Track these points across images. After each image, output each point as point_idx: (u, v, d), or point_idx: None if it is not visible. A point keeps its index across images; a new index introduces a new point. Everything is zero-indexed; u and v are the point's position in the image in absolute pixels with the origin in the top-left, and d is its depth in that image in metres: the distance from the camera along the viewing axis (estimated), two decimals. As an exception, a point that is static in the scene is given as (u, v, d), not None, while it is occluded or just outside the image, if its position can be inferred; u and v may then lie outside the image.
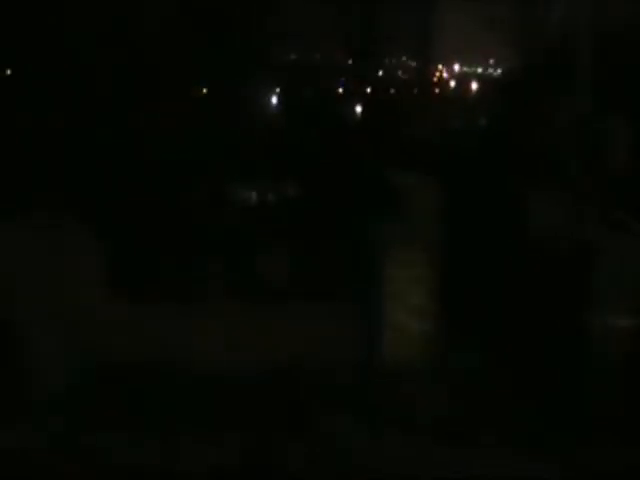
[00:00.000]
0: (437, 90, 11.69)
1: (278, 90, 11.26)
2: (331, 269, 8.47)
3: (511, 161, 9.28)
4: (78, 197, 8.22)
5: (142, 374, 7.36)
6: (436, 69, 11.74)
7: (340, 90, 11.64)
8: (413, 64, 11.69)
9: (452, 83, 11.91)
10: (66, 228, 7.52)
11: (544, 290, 7.99)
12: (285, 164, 9.82)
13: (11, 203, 7.87)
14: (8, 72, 10.03)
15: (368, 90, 11.45)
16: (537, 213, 8.48)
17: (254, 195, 9.68)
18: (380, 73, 11.66)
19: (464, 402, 7.35)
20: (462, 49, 11.50)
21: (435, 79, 11.73)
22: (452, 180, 8.61)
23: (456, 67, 12.09)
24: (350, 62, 11.55)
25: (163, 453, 6.42)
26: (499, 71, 11.67)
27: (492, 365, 7.80)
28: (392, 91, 11.57)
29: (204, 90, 10.55)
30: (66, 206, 7.82)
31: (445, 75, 11.96)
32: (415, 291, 7.82)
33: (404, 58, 11.84)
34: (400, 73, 11.76)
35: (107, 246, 7.67)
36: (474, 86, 11.73)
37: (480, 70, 11.98)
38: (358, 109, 11.26)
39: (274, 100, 11.18)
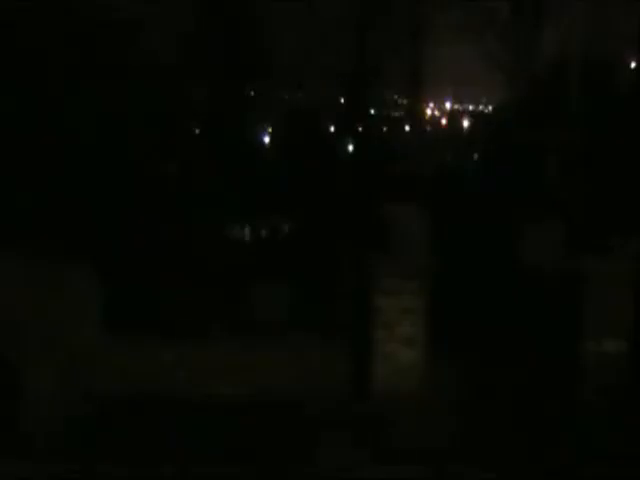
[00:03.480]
0: (428, 126, 11.86)
1: (271, 128, 11.41)
2: (325, 302, 8.54)
3: (502, 192, 9.40)
4: (73, 233, 8.28)
5: (139, 407, 7.41)
6: (427, 106, 11.90)
7: (332, 128, 11.81)
8: (405, 101, 11.85)
9: (443, 119, 12.09)
10: (61, 265, 7.57)
11: (536, 318, 8.06)
12: (279, 200, 9.91)
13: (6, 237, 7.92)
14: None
15: (360, 128, 11.60)
16: (529, 242, 8.57)
17: (249, 231, 9.78)
18: (372, 111, 11.82)
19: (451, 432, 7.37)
20: (453, 86, 11.66)
21: (427, 116, 11.89)
22: (443, 212, 8.71)
23: (447, 104, 12.27)
24: (343, 100, 11.72)
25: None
26: (489, 108, 11.84)
27: (484, 395, 7.84)
28: (384, 128, 11.74)
29: (197, 129, 10.69)
30: (60, 242, 7.87)
31: (436, 112, 12.13)
32: (408, 323, 7.86)
33: (396, 96, 12.01)
34: (392, 110, 11.93)
35: (105, 282, 7.73)
36: (465, 122, 11.89)
37: (471, 107, 12.16)
38: (350, 146, 11.41)
39: (267, 138, 11.33)
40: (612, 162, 9.01)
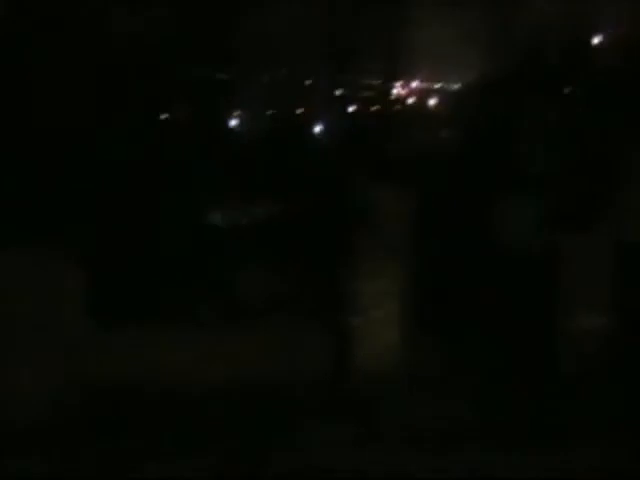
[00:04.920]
0: (398, 106, 11.84)
1: (239, 112, 11.34)
2: (308, 285, 8.57)
3: (477, 171, 9.46)
4: (59, 221, 8.21)
5: (124, 397, 7.38)
6: (394, 86, 11.89)
7: (301, 110, 11.77)
8: (372, 82, 11.83)
9: (411, 99, 12.09)
10: (47, 253, 7.51)
11: (516, 296, 8.15)
12: (259, 184, 9.89)
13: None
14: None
15: (329, 110, 11.57)
16: (507, 220, 8.65)
17: (229, 216, 9.76)
18: (340, 91, 11.80)
19: (439, 409, 7.45)
20: (421, 65, 11.67)
21: (394, 96, 11.89)
22: (422, 192, 8.75)
23: (414, 83, 12.27)
24: (312, 82, 11.68)
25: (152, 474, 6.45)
26: (457, 85, 11.86)
27: (464, 370, 7.91)
28: (354, 108, 11.72)
29: (177, 112, 10.60)
30: (47, 230, 7.81)
31: (403, 91, 12.13)
32: (389, 303, 7.91)
33: (362, 76, 11.99)
34: (360, 91, 11.91)
35: (88, 270, 7.68)
36: (433, 101, 11.91)
37: (439, 85, 12.17)
38: (319, 127, 11.38)
39: (238, 121, 11.26)
40: (589, 139, 9.11)
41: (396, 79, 11.69)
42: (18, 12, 9.44)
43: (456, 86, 11.88)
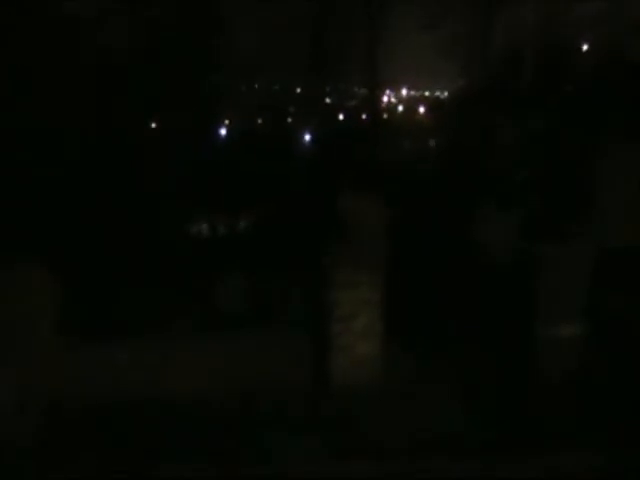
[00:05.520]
0: (385, 114, 11.85)
1: (227, 122, 11.36)
2: (285, 296, 8.52)
3: (460, 180, 9.43)
4: (31, 236, 8.16)
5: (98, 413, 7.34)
6: (383, 94, 11.90)
7: (289, 119, 11.78)
8: (360, 90, 11.85)
9: (400, 107, 12.10)
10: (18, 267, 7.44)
11: (493, 307, 8.08)
12: (236, 195, 9.88)
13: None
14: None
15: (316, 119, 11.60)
16: (485, 230, 8.60)
17: (205, 227, 9.74)
18: (328, 100, 11.82)
19: (418, 419, 7.38)
20: (409, 74, 11.69)
21: (383, 104, 11.90)
22: (401, 202, 8.71)
23: (404, 91, 12.28)
24: (299, 91, 11.69)
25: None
26: (445, 94, 11.87)
27: (443, 381, 7.85)
28: (341, 117, 11.74)
29: (155, 124, 10.61)
30: (18, 244, 7.75)
31: (393, 99, 12.14)
32: (365, 314, 7.85)
33: (351, 85, 12.01)
34: (348, 99, 11.94)
35: (61, 282, 7.61)
36: (421, 109, 11.91)
37: (427, 93, 12.18)
38: (307, 137, 11.38)
39: (223, 131, 11.27)
40: (569, 148, 9.10)
41: (383, 88, 11.70)
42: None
43: (442, 95, 11.90)
